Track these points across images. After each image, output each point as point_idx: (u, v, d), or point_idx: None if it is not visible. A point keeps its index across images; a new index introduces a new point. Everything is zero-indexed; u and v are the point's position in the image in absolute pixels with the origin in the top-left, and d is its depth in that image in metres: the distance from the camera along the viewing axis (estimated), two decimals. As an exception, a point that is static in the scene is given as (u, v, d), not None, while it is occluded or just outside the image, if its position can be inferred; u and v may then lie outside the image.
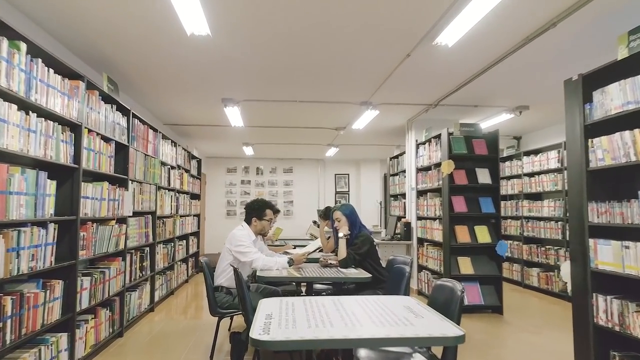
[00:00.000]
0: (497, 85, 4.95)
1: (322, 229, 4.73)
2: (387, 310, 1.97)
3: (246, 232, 3.50)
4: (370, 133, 7.67)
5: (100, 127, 3.69)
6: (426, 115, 6.25)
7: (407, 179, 6.89)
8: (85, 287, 3.39)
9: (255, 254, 3.29)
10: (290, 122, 6.85)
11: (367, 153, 10.58)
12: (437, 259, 5.67)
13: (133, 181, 4.54)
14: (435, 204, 5.75)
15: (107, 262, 4.11)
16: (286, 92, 5.22)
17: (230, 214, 11.19)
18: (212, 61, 4.15)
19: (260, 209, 3.58)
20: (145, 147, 4.98)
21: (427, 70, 4.41)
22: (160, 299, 5.70)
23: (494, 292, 5.27)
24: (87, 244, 3.44)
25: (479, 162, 5.45)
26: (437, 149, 5.68)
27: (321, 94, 5.28)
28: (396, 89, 5.08)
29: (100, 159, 3.69)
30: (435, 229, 5.73)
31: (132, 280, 4.56)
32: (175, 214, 6.44)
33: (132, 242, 4.54)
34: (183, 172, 7.03)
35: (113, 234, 3.95)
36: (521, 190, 7.12)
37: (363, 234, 3.55)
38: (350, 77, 4.65)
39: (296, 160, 11.40)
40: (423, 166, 6.23)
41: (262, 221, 3.57)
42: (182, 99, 5.58)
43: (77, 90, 3.25)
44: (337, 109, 5.96)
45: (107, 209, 3.80)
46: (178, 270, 6.71)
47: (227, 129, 7.36)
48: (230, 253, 3.40)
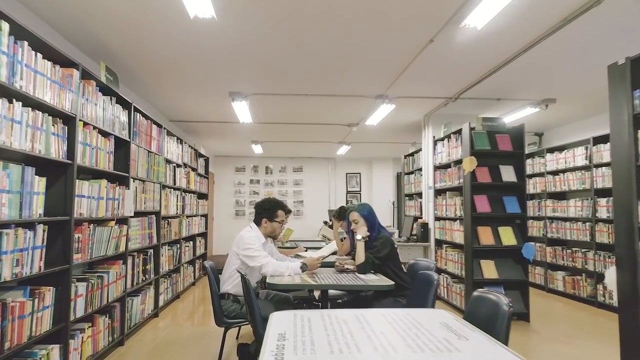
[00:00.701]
0: (524, 76, 4.61)
1: (335, 230, 4.43)
2: (422, 329, 1.66)
3: (255, 234, 3.20)
4: (384, 130, 7.34)
5: (97, 120, 3.42)
6: (444, 109, 5.92)
7: (424, 177, 6.55)
8: (80, 293, 3.12)
9: (265, 259, 2.99)
10: (300, 118, 6.55)
11: (380, 151, 10.26)
12: (458, 262, 5.33)
13: (135, 179, 4.27)
14: (455, 204, 5.41)
15: (107, 265, 3.84)
16: (297, 85, 4.92)
17: (239, 214, 10.93)
18: (218, 49, 3.86)
19: (271, 209, 3.28)
20: (148, 144, 4.71)
21: (450, 58, 4.08)
22: (165, 304, 5.43)
23: (520, 298, 4.92)
24: (83, 246, 3.17)
25: (503, 159, 5.10)
26: (458, 145, 5.34)
27: (334, 86, 4.98)
28: (415, 80, 4.76)
29: (98, 154, 3.42)
30: (455, 230, 5.39)
31: (134, 285, 4.29)
32: (182, 214, 6.18)
33: (134, 244, 4.27)
34: (190, 170, 6.76)
35: (112, 236, 3.68)
36: (544, 189, 6.75)
37: (383, 236, 3.23)
38: (365, 67, 4.33)
39: (306, 159, 11.10)
40: (441, 164, 5.89)
41: (272, 223, 3.27)
42: (188, 93, 5.31)
43: (71, 79, 2.97)
44: (351, 103, 5.65)
45: (105, 209, 3.52)
46: (184, 273, 6.44)
47: (236, 126, 7.08)
48: (238, 257, 3.10)
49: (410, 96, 5.33)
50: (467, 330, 1.66)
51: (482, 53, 3.94)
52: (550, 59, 4.07)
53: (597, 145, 5.66)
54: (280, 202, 3.36)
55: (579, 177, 6.01)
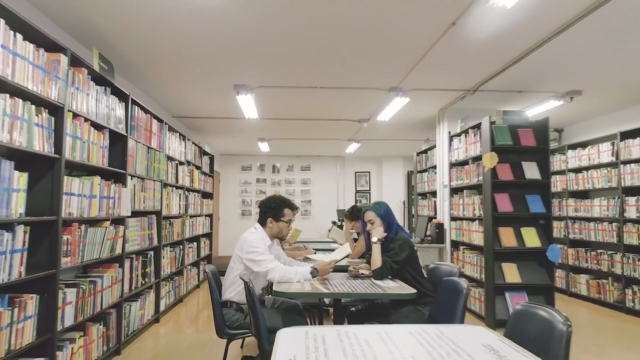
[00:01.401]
0: (549, 65, 4.27)
1: (347, 231, 4.13)
2: (463, 354, 1.35)
3: (260, 235, 2.91)
4: (396, 126, 7.02)
5: (90, 111, 3.15)
6: (461, 103, 5.59)
7: (439, 175, 6.23)
8: (69, 300, 2.84)
9: (271, 263, 2.69)
10: (308, 113, 6.26)
11: (390, 149, 9.94)
12: (477, 264, 5.01)
13: (133, 177, 4.00)
14: (473, 203, 5.08)
15: (102, 269, 3.58)
16: (305, 76, 4.62)
17: (245, 214, 10.66)
18: (221, 37, 3.58)
19: (277, 207, 2.98)
20: (148, 139, 4.44)
21: (472, 45, 3.76)
22: (167, 308, 5.16)
23: (544, 303, 4.56)
24: (73, 249, 2.90)
25: (525, 155, 4.77)
26: (476, 141, 5.02)
27: (345, 78, 4.67)
28: (431, 71, 4.44)
29: (91, 149, 3.15)
30: (474, 230, 5.07)
31: (132, 289, 4.02)
32: (185, 214, 5.91)
33: (132, 246, 4.00)
34: (193, 168, 6.49)
35: (107, 237, 3.41)
36: (565, 187, 6.40)
37: (401, 237, 2.93)
38: (379, 56, 4.03)
39: (314, 157, 10.81)
40: (458, 160, 5.57)
41: (279, 223, 2.97)
42: (190, 86, 5.03)
43: (58, 65, 2.70)
44: (362, 96, 5.34)
45: (99, 208, 3.25)
46: (188, 275, 6.17)
47: (241, 122, 6.80)
48: (241, 261, 2.81)
49: (426, 88, 5.01)
50: (519, 355, 1.36)
51: (508, 38, 3.62)
52: (580, 45, 3.74)
53: (625, 140, 5.30)
54: (287, 200, 3.06)
55: (605, 174, 5.65)
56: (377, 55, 4.03)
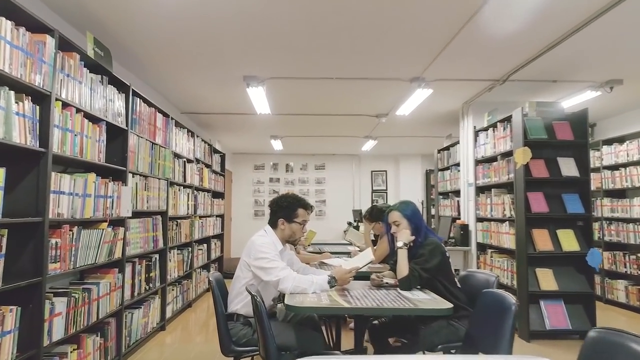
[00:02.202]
0: (587, 51, 3.86)
1: (366, 233, 3.77)
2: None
3: (270, 239, 2.56)
4: (416, 121, 6.63)
5: (83, 101, 2.85)
6: (487, 96, 5.19)
7: (462, 173, 5.83)
8: (58, 311, 2.55)
9: (283, 271, 2.35)
10: (323, 107, 5.91)
11: (408, 147, 9.54)
12: (507, 269, 4.61)
13: (135, 174, 3.71)
14: (503, 202, 4.68)
15: (100, 274, 3.29)
16: (319, 66, 4.28)
17: (258, 214, 10.36)
18: (228, 22, 3.25)
19: (289, 207, 2.64)
20: (152, 135, 4.14)
21: (503, 29, 3.38)
22: (173, 314, 4.86)
23: (584, 313, 4.17)
24: (63, 254, 2.60)
25: (561, 150, 4.36)
26: (506, 135, 4.62)
27: (363, 68, 4.32)
28: (457, 59, 4.07)
29: (84, 143, 2.85)
30: (503, 232, 4.67)
31: (134, 296, 3.72)
32: (193, 215, 5.61)
33: (134, 249, 3.71)
34: (203, 166, 6.20)
35: (104, 240, 3.11)
36: (600, 186, 5.94)
37: (431, 242, 2.56)
38: (401, 43, 3.67)
39: (329, 155, 10.46)
40: (485, 157, 5.17)
41: (292, 224, 2.63)
42: (197, 79, 4.73)
43: (43, 47, 2.40)
44: (381, 88, 4.98)
45: (94, 208, 2.95)
46: (197, 279, 5.88)
47: (253, 118, 6.48)
48: (249, 268, 2.48)
49: (451, 79, 4.62)
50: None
51: (543, 22, 3.23)
52: (622, 28, 3.33)
53: (670, 134, 4.85)
54: (301, 198, 2.71)
55: (646, 171, 5.20)
56: (398, 42, 3.67)
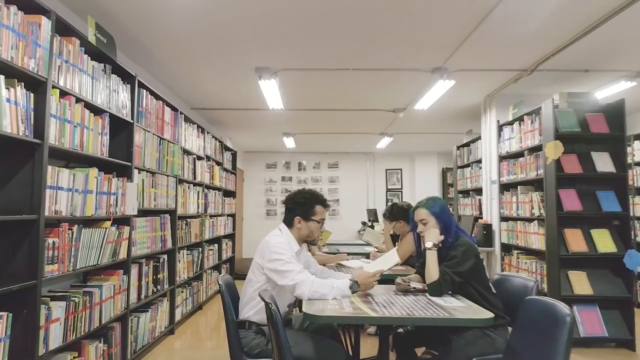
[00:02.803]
0: (623, 38, 3.57)
1: (386, 233, 3.52)
2: None
3: (285, 239, 2.33)
4: (434, 116, 6.36)
5: (83, 90, 2.65)
6: (512, 88, 4.91)
7: (485, 170, 5.55)
8: (56, 317, 2.35)
9: (300, 275, 2.12)
10: (338, 102, 5.68)
11: (424, 145, 9.26)
12: (535, 272, 4.32)
13: (141, 170, 3.51)
14: (531, 200, 4.39)
15: (104, 276, 3.09)
16: (335, 57, 4.04)
17: (271, 213, 10.15)
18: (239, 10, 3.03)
19: (306, 203, 2.40)
20: (160, 129, 3.94)
21: (534, 15, 3.11)
22: (183, 317, 4.66)
23: (621, 319, 3.87)
24: (61, 254, 2.40)
25: (595, 144, 4.07)
26: (535, 129, 4.33)
27: (381, 58, 4.07)
28: (483, 47, 3.80)
29: (84, 135, 2.65)
30: (531, 232, 4.38)
31: (140, 299, 3.53)
32: (204, 214, 5.41)
33: (140, 249, 3.51)
34: (213, 164, 6.00)
35: (108, 240, 2.91)
36: (632, 184, 5.60)
37: (464, 242, 2.31)
38: (421, 30, 3.42)
39: (342, 154, 10.21)
40: (510, 152, 4.88)
41: (309, 223, 2.39)
42: (207, 71, 4.52)
43: (38, 29, 2.20)
44: (400, 79, 4.72)
45: (97, 206, 2.75)
46: (208, 280, 5.68)
47: (265, 114, 6.27)
48: (262, 271, 2.25)
49: (475, 69, 4.35)
50: None
51: (577, 5, 2.96)
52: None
53: None
54: (319, 195, 2.47)
55: (684, 167, 4.86)
56: (419, 30, 3.42)
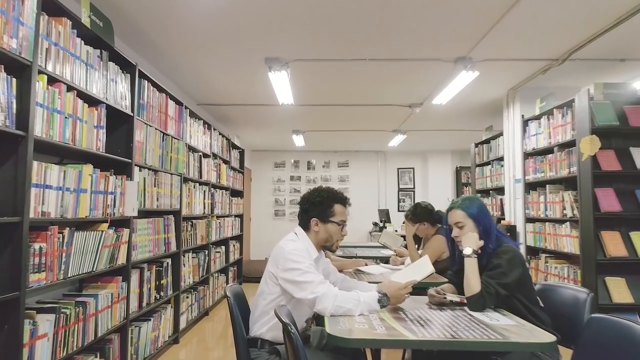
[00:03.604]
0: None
1: (410, 237, 3.22)
2: None
3: (302, 244, 2.04)
4: (452, 112, 6.04)
5: (76, 78, 2.38)
6: (538, 80, 4.60)
7: (507, 168, 5.23)
8: (43, 332, 2.07)
9: (321, 286, 1.83)
10: (351, 97, 5.38)
11: (437, 143, 8.94)
12: (567, 277, 4.00)
13: (142, 167, 3.24)
14: (562, 200, 4.07)
15: (101, 284, 2.82)
16: (350, 46, 3.75)
17: (279, 214, 9.88)
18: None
19: (324, 203, 2.10)
20: (163, 124, 3.68)
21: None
22: (188, 325, 4.39)
23: (664, 330, 3.53)
24: (50, 261, 2.13)
25: (635, 139, 3.73)
26: (566, 123, 4.01)
27: (401, 47, 3.78)
28: (511, 35, 3.50)
29: (77, 128, 2.38)
30: (563, 235, 4.06)
31: (142, 307, 3.26)
32: (210, 214, 5.14)
33: (142, 254, 3.24)
34: (220, 162, 5.74)
35: (104, 244, 2.64)
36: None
37: (507, 249, 2.01)
38: (445, 15, 3.12)
39: (353, 152, 9.91)
40: (536, 149, 4.56)
41: (327, 225, 2.10)
42: (215, 61, 4.24)
43: (21, 5, 1.93)
44: (419, 71, 4.42)
45: (92, 206, 2.48)
46: (214, 284, 5.41)
47: (274, 110, 6.00)
48: (276, 282, 1.96)
49: (502, 58, 4.04)
50: None
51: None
52: None
53: None
54: (337, 192, 2.17)
55: None
56: (443, 16, 3.14)
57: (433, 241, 3.18)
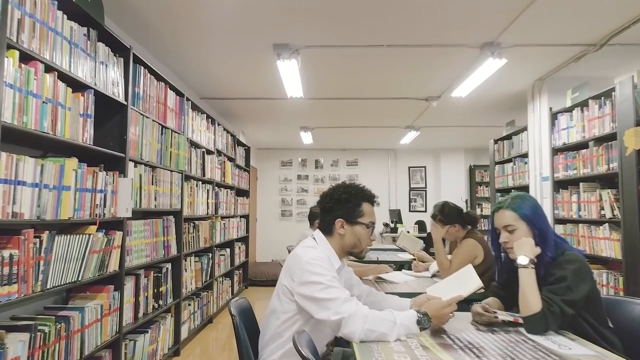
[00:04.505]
0: None
1: (438, 241, 2.86)
2: None
3: (323, 252, 1.69)
4: (470, 106, 5.68)
5: (57, 56, 2.06)
6: (570, 70, 4.25)
7: (532, 165, 4.87)
8: (14, 356, 1.75)
9: (347, 305, 1.48)
10: (365, 90, 5.04)
11: (450, 140, 8.58)
12: (606, 285, 3.63)
13: (138, 163, 2.92)
14: (600, 199, 3.70)
15: (90, 293, 2.50)
16: (367, 31, 3.41)
17: (286, 214, 9.54)
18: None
19: (350, 200, 1.74)
20: (162, 116, 3.35)
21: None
22: (190, 334, 4.06)
23: None
24: (24, 271, 1.81)
25: (684, 131, 3.36)
26: (604, 114, 3.64)
27: (422, 31, 3.43)
28: (545, 17, 3.15)
29: (60, 115, 2.06)
30: (599, 237, 3.69)
31: (137, 318, 2.93)
32: (214, 215, 4.82)
33: (137, 259, 2.92)
34: (225, 160, 5.41)
35: (93, 249, 2.32)
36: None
37: (573, 257, 1.66)
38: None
39: (362, 150, 9.56)
40: (568, 144, 4.19)
41: (355, 227, 1.74)
42: (220, 49, 3.91)
43: (-16, -37, 1.61)
44: (441, 58, 4.07)
45: (77, 206, 2.16)
46: (219, 289, 5.08)
47: (282, 105, 5.67)
48: (291, 298, 1.61)
49: (533, 44, 3.68)
50: None
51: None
52: None
53: None
54: (365, 189, 1.81)
55: None
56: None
57: (464, 246, 2.82)
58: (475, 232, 2.92)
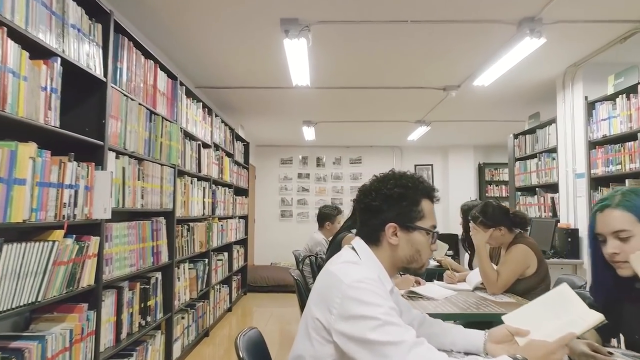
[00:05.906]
0: None
1: (481, 246, 2.38)
2: None
3: (372, 271, 1.19)
4: (491, 97, 5.22)
5: (7, 8, 1.57)
6: (609, 54, 3.80)
7: (563, 160, 4.42)
8: None
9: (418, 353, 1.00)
10: (377, 77, 4.57)
11: (458, 137, 8.15)
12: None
13: (120, 154, 2.42)
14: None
15: (57, 314, 2.01)
16: (388, 4, 2.94)
17: (285, 215, 9.06)
18: None
19: (407, 196, 1.25)
20: (151, 99, 2.86)
21: None
22: (184, 352, 3.57)
23: None
24: (-47, 294, 1.31)
25: None
26: (659, 101, 3.19)
27: (451, 6, 2.97)
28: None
29: (11, 86, 1.56)
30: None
31: (119, 340, 2.44)
32: (211, 216, 4.33)
33: (120, 269, 2.42)
34: (223, 155, 4.92)
35: (59, 260, 1.83)
36: None
37: None
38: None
39: (366, 147, 9.08)
40: (608, 137, 3.74)
41: (413, 233, 1.25)
42: (219, 27, 3.42)
43: None
44: (466, 40, 3.61)
45: (34, 205, 1.67)
46: (216, 298, 4.59)
47: (286, 95, 5.19)
48: (328, 338, 1.12)
49: (578, 19, 3.22)
50: None
51: None
52: None
53: None
54: (422, 180, 1.31)
55: None
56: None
57: (514, 253, 2.35)
58: (525, 236, 2.46)
